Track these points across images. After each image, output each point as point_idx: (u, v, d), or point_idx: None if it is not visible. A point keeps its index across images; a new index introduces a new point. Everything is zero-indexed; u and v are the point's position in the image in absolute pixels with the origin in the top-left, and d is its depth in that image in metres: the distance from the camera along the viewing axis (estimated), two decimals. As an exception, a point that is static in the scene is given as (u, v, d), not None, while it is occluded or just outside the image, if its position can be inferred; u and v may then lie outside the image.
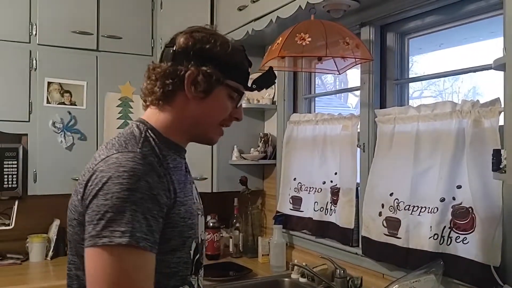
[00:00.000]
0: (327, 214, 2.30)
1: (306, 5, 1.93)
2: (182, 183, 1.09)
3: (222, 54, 1.10)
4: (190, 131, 1.14)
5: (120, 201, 0.93)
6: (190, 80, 1.07)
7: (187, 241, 1.07)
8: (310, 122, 2.46)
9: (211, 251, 2.80)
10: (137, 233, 0.92)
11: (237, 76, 1.13)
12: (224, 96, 1.12)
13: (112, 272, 0.91)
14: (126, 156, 0.99)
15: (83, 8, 2.71)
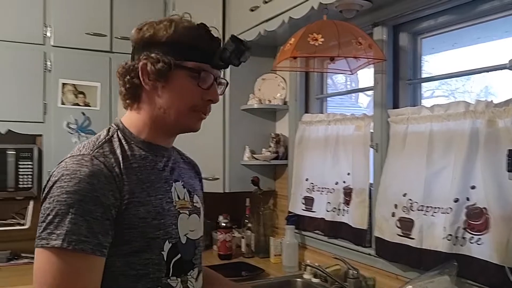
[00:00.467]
0: (340, 215, 2.30)
1: (318, 6, 1.93)
2: (149, 182, 1.07)
3: (170, 37, 1.07)
4: (163, 125, 1.12)
5: (59, 204, 0.95)
6: (143, 71, 1.07)
7: (152, 242, 1.05)
8: (322, 123, 2.46)
9: (223, 251, 2.81)
10: (73, 235, 0.93)
11: (194, 55, 1.08)
12: (184, 79, 1.08)
13: (48, 273, 0.93)
14: (73, 160, 1.01)
15: (97, 10, 2.73)
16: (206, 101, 1.11)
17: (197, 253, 1.18)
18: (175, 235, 1.10)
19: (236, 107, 2.82)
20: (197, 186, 1.27)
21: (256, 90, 2.87)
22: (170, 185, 1.13)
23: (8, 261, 2.63)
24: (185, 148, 2.93)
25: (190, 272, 1.14)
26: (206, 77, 1.09)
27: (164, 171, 1.13)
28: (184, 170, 1.24)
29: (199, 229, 1.21)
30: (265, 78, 2.88)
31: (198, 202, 1.22)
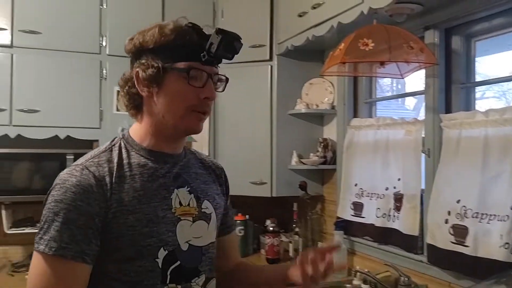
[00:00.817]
0: (390, 221, 2.27)
1: (368, 10, 1.92)
2: (142, 190, 1.07)
3: (157, 42, 1.06)
4: (165, 130, 1.12)
5: (48, 212, 1.01)
6: (137, 79, 1.08)
7: (144, 249, 1.05)
8: (371, 127, 2.44)
9: (271, 255, 2.83)
10: (54, 242, 0.98)
11: (182, 55, 1.07)
12: (177, 81, 1.07)
13: (33, 274, 1.01)
14: (68, 170, 1.06)
15: (149, 19, 2.80)
16: (202, 99, 1.09)
17: (204, 260, 1.16)
18: (172, 242, 1.09)
19: (284, 112, 2.84)
20: (211, 191, 1.23)
21: (303, 94, 2.88)
22: (171, 192, 1.12)
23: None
24: (233, 152, 2.99)
25: (194, 280, 1.13)
26: (197, 74, 1.07)
27: (164, 177, 1.12)
28: (197, 175, 1.22)
29: (208, 235, 1.18)
30: (312, 83, 2.88)
31: (208, 207, 1.19)
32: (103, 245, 1.03)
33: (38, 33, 2.58)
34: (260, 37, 2.85)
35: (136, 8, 2.80)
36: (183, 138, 1.19)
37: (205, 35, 1.08)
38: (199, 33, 1.09)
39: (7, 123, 2.52)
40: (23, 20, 2.56)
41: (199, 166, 1.25)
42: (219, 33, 1.06)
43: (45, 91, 2.58)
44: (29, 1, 2.58)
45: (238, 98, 2.92)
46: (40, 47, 2.59)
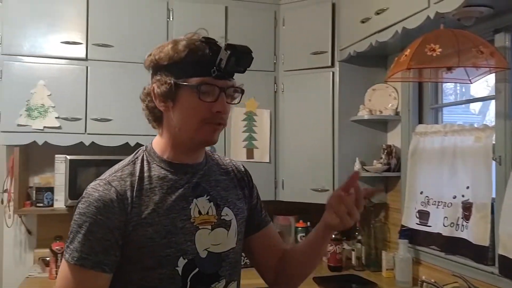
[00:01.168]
0: (458, 230, 2.19)
1: (435, 15, 1.88)
2: (161, 203, 1.11)
3: (171, 58, 1.10)
4: (182, 142, 1.15)
5: (74, 223, 1.09)
6: (154, 94, 1.13)
7: (164, 259, 1.09)
8: (438, 133, 2.37)
9: (333, 262, 2.82)
10: (76, 252, 1.06)
11: (194, 71, 1.09)
12: (190, 96, 1.10)
13: (59, 279, 1.10)
14: (93, 184, 1.12)
15: (213, 29, 2.87)
16: (215, 113, 1.11)
17: (224, 266, 1.18)
18: (191, 251, 1.12)
19: (346, 118, 2.82)
20: (231, 197, 1.25)
21: (366, 101, 2.85)
22: (189, 202, 1.15)
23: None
24: (294, 159, 3.00)
25: (214, 284, 1.16)
26: (209, 90, 1.10)
27: (184, 188, 1.16)
28: (218, 182, 1.24)
29: (227, 241, 1.20)
30: (375, 89, 2.85)
31: (228, 214, 1.21)
32: (126, 255, 1.09)
33: (110, 46, 2.73)
34: (321, 44, 2.86)
35: (200, 19, 2.89)
36: (202, 148, 1.22)
37: (216, 50, 1.10)
38: (211, 48, 1.11)
39: (82, 131, 2.69)
40: (96, 35, 2.73)
41: (220, 173, 1.27)
42: (227, 49, 1.08)
43: (117, 101, 2.73)
44: (102, 17, 2.75)
45: (300, 104, 2.95)
46: (113, 60, 2.75)
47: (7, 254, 2.92)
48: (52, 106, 2.64)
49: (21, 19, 2.64)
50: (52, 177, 2.82)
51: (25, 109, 2.60)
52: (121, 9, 2.78)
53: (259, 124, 3.00)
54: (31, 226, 2.94)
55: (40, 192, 2.78)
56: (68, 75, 2.69)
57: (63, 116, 2.66)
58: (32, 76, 2.64)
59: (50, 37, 2.67)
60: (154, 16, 2.83)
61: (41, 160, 2.90)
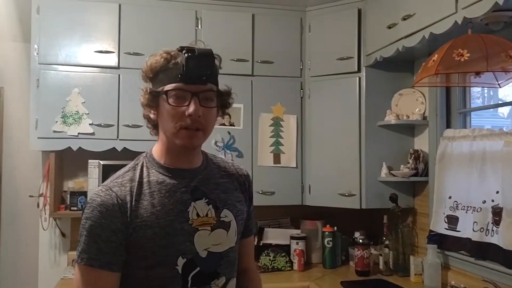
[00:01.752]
0: (488, 235, 2.18)
1: (463, 20, 1.89)
2: (160, 206, 1.18)
3: (149, 69, 1.20)
4: (171, 146, 1.22)
5: (81, 227, 1.16)
6: (142, 103, 1.23)
7: (163, 259, 1.16)
8: (466, 138, 2.36)
9: (361, 267, 2.82)
10: (85, 254, 1.13)
11: (168, 79, 1.17)
12: (163, 103, 1.17)
13: (74, 279, 1.18)
14: (96, 190, 1.19)
15: (240, 38, 2.97)
16: (187, 116, 1.16)
17: (223, 264, 1.25)
18: (190, 251, 1.19)
19: (373, 123, 2.83)
20: (231, 199, 1.31)
21: (393, 105, 2.85)
22: (187, 205, 1.21)
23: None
24: (320, 164, 3.03)
25: (214, 281, 1.23)
26: (180, 95, 1.15)
27: (182, 192, 1.22)
28: (218, 185, 1.29)
29: (227, 241, 1.26)
30: (402, 94, 2.85)
31: (227, 216, 1.27)
32: (131, 254, 1.17)
33: (141, 54, 2.81)
34: (347, 50, 2.88)
35: (228, 27, 2.95)
36: (193, 153, 1.26)
37: (187, 56, 1.16)
38: (187, 56, 1.16)
39: (114, 137, 2.78)
40: (128, 44, 2.82)
41: (221, 175, 1.33)
42: (186, 52, 1.14)
43: (147, 108, 2.80)
44: (133, 27, 2.83)
45: (326, 110, 2.97)
46: (143, 67, 2.82)
47: (42, 256, 3.03)
48: (86, 113, 2.74)
49: (57, 30, 2.75)
50: (85, 181, 2.92)
51: (61, 116, 2.71)
52: (151, 19, 2.87)
53: (286, 129, 3.03)
54: (65, 229, 3.04)
55: (74, 196, 2.88)
56: (101, 83, 2.78)
57: (96, 123, 2.75)
58: (67, 84, 2.74)
59: (84, 47, 2.78)
60: (183, 25, 2.90)
61: (75, 165, 3.01)
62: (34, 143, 2.71)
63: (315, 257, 3.12)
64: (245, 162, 2.90)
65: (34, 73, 2.74)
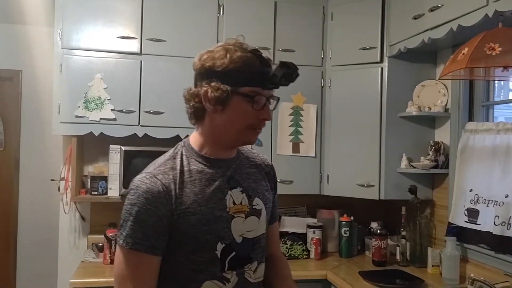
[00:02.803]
0: (510, 229, 2.18)
1: (493, 13, 1.87)
2: (201, 194, 1.23)
3: (226, 67, 1.20)
4: (223, 141, 1.27)
5: (125, 212, 1.20)
6: (205, 97, 1.22)
7: (204, 244, 1.22)
8: (490, 131, 2.35)
9: (378, 257, 2.83)
10: (130, 238, 1.17)
11: (248, 81, 1.20)
12: (241, 103, 1.21)
13: (116, 264, 1.21)
14: (139, 177, 1.23)
15: (262, 26, 2.96)
16: (260, 119, 1.24)
17: (255, 249, 1.32)
18: (227, 237, 1.25)
19: (394, 114, 2.82)
20: (261, 188, 1.38)
21: (415, 97, 2.83)
22: (225, 193, 1.27)
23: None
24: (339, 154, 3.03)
25: (247, 265, 1.30)
26: (259, 99, 1.22)
27: (219, 181, 1.28)
28: (248, 175, 1.36)
29: (259, 228, 1.33)
30: (424, 85, 2.83)
31: (258, 204, 1.34)
32: (173, 239, 1.22)
33: (163, 41, 2.81)
34: (370, 40, 2.86)
35: (250, 14, 2.94)
36: (236, 147, 1.35)
37: (265, 62, 1.23)
38: (261, 60, 1.23)
39: (135, 123, 2.79)
40: (150, 30, 2.82)
41: (250, 165, 1.40)
42: (282, 67, 1.20)
43: (169, 95, 2.81)
44: (156, 13, 2.83)
45: (347, 100, 2.96)
46: (165, 54, 2.83)
47: (62, 240, 3.07)
48: (108, 99, 2.75)
49: (80, 15, 2.75)
50: (105, 166, 2.95)
51: (83, 101, 2.72)
52: (174, 5, 2.86)
53: (306, 118, 3.03)
54: (84, 213, 3.07)
55: (95, 180, 2.90)
56: (123, 68, 2.79)
57: (118, 109, 2.76)
58: (89, 69, 2.75)
59: (107, 32, 2.78)
60: (205, 12, 2.89)
61: (95, 150, 3.03)
62: (57, 127, 2.74)
63: (331, 246, 3.14)
64: (264, 150, 2.90)
65: (57, 57, 2.74)
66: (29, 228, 3.57)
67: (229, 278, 1.26)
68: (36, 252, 3.54)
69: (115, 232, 2.75)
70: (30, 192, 3.57)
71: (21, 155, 3.59)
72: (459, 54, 1.88)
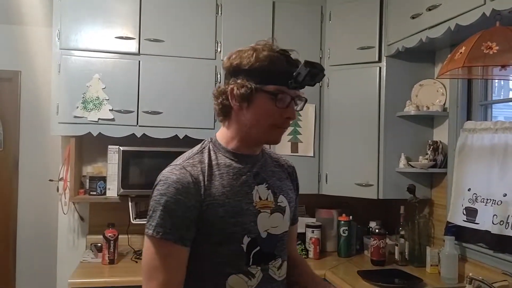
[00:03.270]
0: (508, 228, 2.18)
1: (491, 12, 1.87)
2: (229, 187, 1.25)
3: (252, 65, 1.22)
4: (248, 138, 1.29)
5: (154, 203, 1.21)
6: (231, 94, 1.25)
7: (231, 236, 1.24)
8: (488, 131, 2.35)
9: (376, 256, 2.83)
10: (160, 227, 1.18)
11: (274, 80, 1.23)
12: (266, 101, 1.24)
13: (145, 254, 1.22)
14: (168, 169, 1.25)
15: (260, 26, 2.96)
16: (285, 119, 1.26)
17: (279, 246, 1.34)
18: (254, 231, 1.27)
19: (392, 113, 2.82)
20: (285, 187, 1.40)
21: (413, 96, 2.84)
22: (252, 188, 1.29)
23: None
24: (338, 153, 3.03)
25: (271, 262, 1.31)
26: (284, 98, 1.24)
27: (247, 176, 1.30)
28: (273, 173, 1.38)
29: (283, 225, 1.35)
30: (422, 84, 2.83)
31: (283, 201, 1.36)
32: (200, 231, 1.23)
33: (161, 41, 2.82)
34: (368, 39, 2.86)
35: (248, 14, 2.95)
36: (261, 145, 1.37)
37: (292, 62, 1.25)
38: (288, 60, 1.25)
39: (134, 123, 2.79)
40: (148, 30, 2.82)
41: (274, 165, 1.42)
42: (307, 66, 1.21)
43: (167, 95, 2.82)
44: (154, 13, 2.83)
45: (346, 99, 2.96)
46: (163, 54, 2.84)
47: (61, 240, 3.07)
48: (106, 99, 2.75)
49: (78, 15, 2.76)
50: (104, 166, 2.95)
51: (81, 102, 2.72)
52: (172, 5, 2.86)
53: (304, 118, 3.03)
54: (83, 213, 3.07)
55: (94, 181, 2.91)
56: (121, 69, 2.79)
57: (116, 109, 2.76)
58: (88, 69, 2.75)
59: (105, 32, 2.78)
60: (204, 12, 2.89)
61: (93, 150, 3.04)
62: (55, 128, 2.74)
63: (330, 245, 3.14)
64: (263, 150, 2.90)
65: (55, 58, 2.75)
66: (28, 228, 3.57)
67: (254, 274, 1.28)
68: (35, 252, 3.54)
69: (113, 233, 2.76)
70: (29, 192, 3.56)
71: (20, 156, 3.58)
72: (456, 53, 1.88)
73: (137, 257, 2.86)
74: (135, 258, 2.86)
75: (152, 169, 2.81)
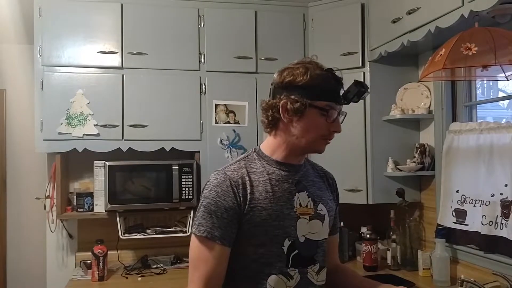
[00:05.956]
0: (497, 229, 2.17)
1: (469, 13, 1.88)
2: (272, 192, 1.34)
3: (306, 82, 1.31)
4: (295, 148, 1.37)
5: (200, 204, 1.33)
6: (283, 108, 1.33)
7: (274, 238, 1.32)
8: (473, 131, 2.36)
9: (369, 262, 2.82)
10: (202, 227, 1.29)
11: (324, 96, 1.32)
12: (315, 116, 1.32)
13: (191, 248, 1.32)
14: (213, 174, 1.37)
15: (243, 36, 2.96)
16: (331, 131, 1.35)
17: (319, 252, 1.41)
18: (293, 235, 1.35)
19: (378, 118, 2.83)
20: (325, 197, 1.46)
21: (398, 100, 2.84)
22: (293, 195, 1.37)
23: (173, 264, 2.96)
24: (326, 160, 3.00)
25: (310, 266, 1.38)
26: (332, 113, 1.33)
27: (289, 183, 1.38)
28: (314, 182, 1.45)
29: (322, 232, 1.42)
30: (407, 88, 2.84)
31: (322, 210, 1.42)
32: (244, 232, 1.31)
33: (144, 54, 2.81)
34: (351, 45, 2.87)
35: (230, 24, 2.95)
36: (305, 154, 1.45)
37: (338, 80, 1.35)
38: (336, 78, 1.35)
39: (119, 138, 2.77)
40: (131, 44, 2.81)
41: (315, 175, 1.50)
42: (357, 85, 1.33)
43: (152, 107, 2.80)
44: (136, 26, 2.83)
45: (331, 106, 2.95)
46: (147, 67, 2.83)
47: (50, 258, 3.03)
48: (91, 114, 2.73)
49: (59, 31, 2.74)
50: (91, 182, 2.92)
51: (65, 118, 2.70)
52: (154, 18, 2.86)
53: (291, 126, 3.02)
54: (72, 230, 3.04)
55: (81, 197, 2.88)
56: (105, 83, 2.77)
57: (101, 124, 2.74)
58: (71, 85, 2.73)
59: (87, 47, 2.77)
60: (186, 23, 2.89)
61: (80, 167, 3.01)
62: (40, 145, 2.71)
63: (322, 253, 3.12)
64: (250, 159, 2.89)
65: (37, 75, 2.73)
66: (17, 247, 3.50)
67: (292, 275, 1.34)
68: (25, 271, 3.48)
69: (102, 249, 2.72)
70: (17, 211, 3.50)
71: (7, 175, 3.54)
72: (436, 56, 1.88)
73: (127, 272, 2.83)
74: (126, 274, 2.82)
75: (140, 183, 2.80)
